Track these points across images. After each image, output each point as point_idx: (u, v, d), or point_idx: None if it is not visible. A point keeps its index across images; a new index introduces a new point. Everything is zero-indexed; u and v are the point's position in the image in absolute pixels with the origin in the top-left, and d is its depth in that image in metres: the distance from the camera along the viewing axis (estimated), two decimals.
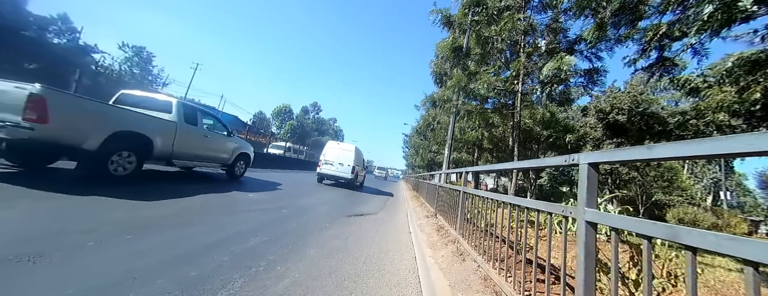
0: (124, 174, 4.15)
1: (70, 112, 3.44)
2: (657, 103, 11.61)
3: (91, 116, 3.68)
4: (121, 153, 4.04)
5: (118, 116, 4.00)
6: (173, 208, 3.41)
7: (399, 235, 4.18)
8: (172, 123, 4.82)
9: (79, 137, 3.51)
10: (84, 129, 3.57)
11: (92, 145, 3.62)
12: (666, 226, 0.75)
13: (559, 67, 3.80)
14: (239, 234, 2.89)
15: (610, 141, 9.21)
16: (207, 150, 5.66)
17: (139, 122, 4.23)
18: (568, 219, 1.23)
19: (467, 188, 3.17)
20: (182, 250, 2.25)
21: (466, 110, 5.39)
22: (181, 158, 5.13)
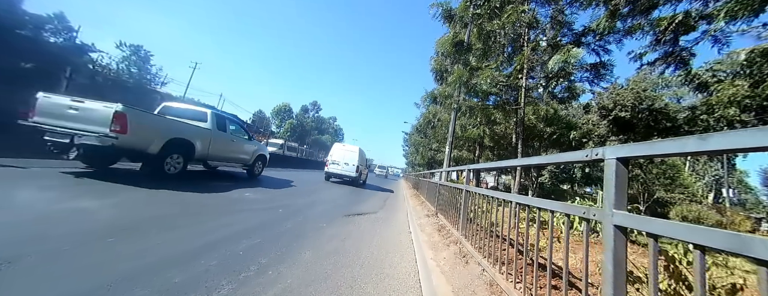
0: (174, 172, 5.05)
1: (141, 124, 4.28)
2: (660, 100, 11.43)
3: (155, 127, 4.58)
4: (173, 155, 4.93)
5: (172, 126, 4.92)
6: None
7: (399, 235, 4.04)
8: (208, 130, 5.73)
9: (146, 143, 4.39)
10: (150, 137, 4.44)
11: (154, 149, 4.49)
12: (729, 235, 0.60)
13: (566, 59, 3.64)
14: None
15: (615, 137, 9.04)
16: (233, 152, 6.56)
17: (185, 130, 5.15)
18: (590, 221, 1.07)
19: (470, 186, 3.02)
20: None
21: (467, 106, 5.21)
22: (214, 159, 6.06)
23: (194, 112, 5.94)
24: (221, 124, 6.15)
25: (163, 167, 4.75)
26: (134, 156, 4.56)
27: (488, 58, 5.09)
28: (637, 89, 11.61)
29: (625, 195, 0.93)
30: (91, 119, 3.99)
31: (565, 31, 4.56)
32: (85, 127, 3.93)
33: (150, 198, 3.67)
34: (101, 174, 4.58)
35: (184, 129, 5.12)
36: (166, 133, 4.70)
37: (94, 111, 4.01)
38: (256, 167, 7.61)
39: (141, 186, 4.13)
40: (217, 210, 3.67)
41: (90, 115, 4.01)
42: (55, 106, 4.05)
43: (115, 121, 3.90)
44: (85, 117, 4.01)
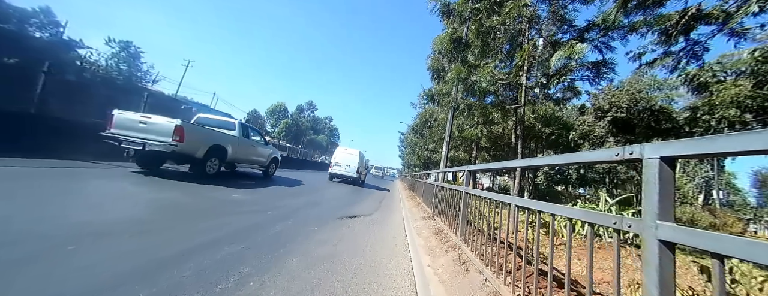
0: (212, 173, 6.08)
1: (193, 134, 5.26)
2: (654, 101, 11.48)
3: (201, 136, 5.56)
4: (212, 159, 5.91)
5: (212, 135, 5.94)
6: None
7: (394, 239, 3.85)
8: (236, 137, 6.76)
9: (195, 149, 5.37)
10: (198, 144, 5.43)
11: (200, 154, 5.50)
12: None
13: (569, 55, 3.51)
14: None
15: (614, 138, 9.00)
16: (254, 155, 7.72)
17: (220, 138, 6.13)
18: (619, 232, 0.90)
19: (469, 188, 2.85)
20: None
21: (466, 105, 5.05)
22: (239, 162, 7.27)
23: (224, 122, 7.10)
24: (245, 132, 7.30)
25: (205, 168, 5.80)
26: (186, 160, 5.56)
27: (487, 56, 4.95)
28: (632, 91, 11.66)
29: (673, 203, 0.76)
30: (157, 131, 4.97)
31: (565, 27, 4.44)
32: (153, 137, 4.92)
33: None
34: (157, 173, 5.64)
35: (220, 137, 6.16)
36: (209, 141, 5.74)
37: (159, 124, 5.01)
38: (270, 168, 8.80)
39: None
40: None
41: (156, 127, 5.00)
42: (129, 120, 5.06)
43: (176, 132, 4.92)
44: (153, 129, 5.00)
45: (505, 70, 5.67)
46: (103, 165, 5.37)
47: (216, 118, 7.27)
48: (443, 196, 4.32)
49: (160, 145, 4.80)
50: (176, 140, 4.87)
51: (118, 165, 5.72)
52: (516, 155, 4.74)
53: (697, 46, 3.69)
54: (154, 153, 5.01)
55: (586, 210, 1.06)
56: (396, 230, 4.49)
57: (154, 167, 6.03)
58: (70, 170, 4.67)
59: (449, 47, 4.87)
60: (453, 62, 6.48)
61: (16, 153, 4.87)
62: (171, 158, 5.43)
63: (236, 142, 6.67)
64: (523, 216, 1.92)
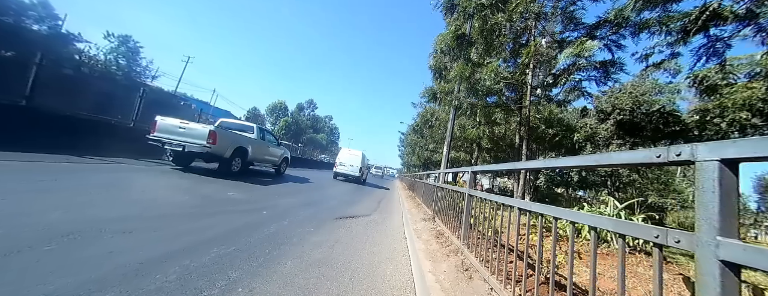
0: (236, 171, 6.91)
1: (223, 138, 6.07)
2: (658, 104, 11.36)
3: (229, 139, 6.41)
4: (236, 158, 6.74)
5: (237, 138, 6.78)
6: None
7: (393, 242, 3.72)
8: (255, 139, 7.63)
9: (224, 150, 6.18)
10: (226, 146, 6.23)
11: (228, 154, 6.30)
12: None
13: (579, 53, 3.36)
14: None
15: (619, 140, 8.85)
16: (268, 155, 8.68)
17: (243, 140, 6.94)
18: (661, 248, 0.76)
19: (473, 190, 2.72)
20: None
21: (469, 103, 4.90)
22: (257, 161, 8.20)
23: (243, 125, 8.09)
24: (262, 135, 8.19)
25: (230, 167, 6.62)
26: (215, 159, 6.36)
27: (491, 55, 4.80)
28: (636, 93, 11.53)
29: (736, 215, 0.63)
30: (194, 135, 5.77)
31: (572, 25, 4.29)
32: (190, 140, 5.72)
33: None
34: (191, 170, 6.69)
35: (242, 139, 6.98)
36: (234, 143, 6.55)
37: (196, 129, 5.83)
38: (281, 166, 9.78)
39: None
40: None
41: (193, 132, 5.80)
42: (170, 125, 5.85)
43: (210, 136, 5.73)
44: (190, 133, 5.80)
45: (509, 70, 5.53)
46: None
47: (237, 122, 8.37)
48: (444, 198, 4.19)
49: (198, 147, 5.69)
50: (210, 143, 5.73)
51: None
52: (519, 156, 4.61)
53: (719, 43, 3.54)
54: (191, 153, 5.88)
55: (617, 220, 0.93)
56: (395, 232, 4.36)
57: (185, 165, 7.11)
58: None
59: (453, 44, 4.73)
60: (456, 60, 6.34)
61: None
62: (204, 158, 6.27)
63: (255, 143, 7.59)
64: (534, 221, 1.78)
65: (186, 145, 5.62)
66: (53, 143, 5.49)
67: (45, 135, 5.55)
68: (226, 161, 6.35)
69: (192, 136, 5.73)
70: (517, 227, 1.66)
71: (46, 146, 5.28)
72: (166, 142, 5.68)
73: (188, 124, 5.86)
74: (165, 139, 5.68)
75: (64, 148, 5.64)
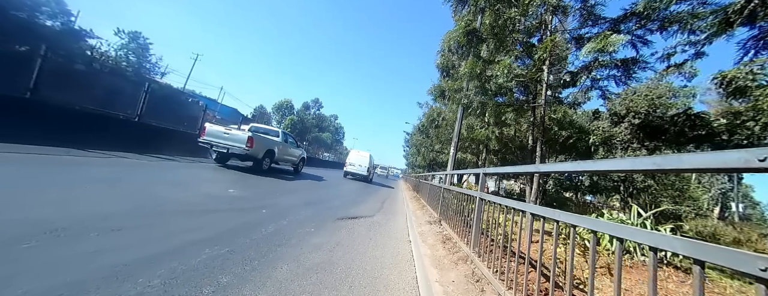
0: (266, 169, 8.10)
1: (257, 141, 7.21)
2: (676, 108, 10.92)
3: (262, 142, 7.54)
4: (266, 159, 7.97)
5: (268, 141, 8.06)
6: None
7: (397, 245, 3.54)
8: (280, 142, 8.91)
9: (258, 152, 7.35)
10: (260, 148, 7.38)
11: (260, 155, 7.50)
12: None
13: (602, 47, 3.11)
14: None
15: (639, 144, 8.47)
16: (290, 156, 10.01)
17: (271, 143, 8.25)
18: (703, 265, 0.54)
19: (485, 194, 2.52)
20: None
21: (479, 102, 4.67)
22: (281, 161, 9.51)
23: (271, 130, 9.47)
24: (285, 138, 9.60)
25: (262, 165, 7.86)
26: (251, 159, 7.51)
27: (503, 52, 4.57)
28: (652, 96, 11.10)
29: None
30: (235, 139, 6.97)
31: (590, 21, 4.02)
32: (233, 143, 6.93)
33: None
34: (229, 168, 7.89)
35: (271, 142, 8.24)
36: (266, 146, 7.83)
37: (237, 135, 7.02)
38: (299, 165, 11.13)
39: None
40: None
41: (235, 137, 6.99)
42: (216, 131, 7.08)
43: (248, 140, 6.94)
44: (232, 138, 6.99)
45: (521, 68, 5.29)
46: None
47: (265, 127, 9.88)
48: (452, 201, 3.99)
49: (239, 149, 6.92)
50: (248, 146, 6.95)
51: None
52: (532, 158, 4.37)
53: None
54: (233, 154, 7.07)
55: (685, 240, 0.72)
56: (399, 234, 4.17)
57: (222, 163, 8.36)
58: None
59: (463, 41, 4.52)
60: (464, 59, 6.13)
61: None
62: (242, 158, 7.47)
63: (280, 145, 8.85)
64: (543, 228, 1.58)
65: (229, 148, 6.92)
66: (57, 136, 5.47)
67: (49, 128, 5.53)
68: (258, 161, 7.61)
69: (234, 140, 6.99)
70: (529, 233, 1.46)
71: (50, 139, 5.25)
72: (214, 145, 7.00)
73: (231, 130, 7.14)
74: (213, 142, 6.99)
75: (68, 141, 5.61)
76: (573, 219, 1.26)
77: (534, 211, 1.65)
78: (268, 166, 8.24)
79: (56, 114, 5.85)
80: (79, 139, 5.99)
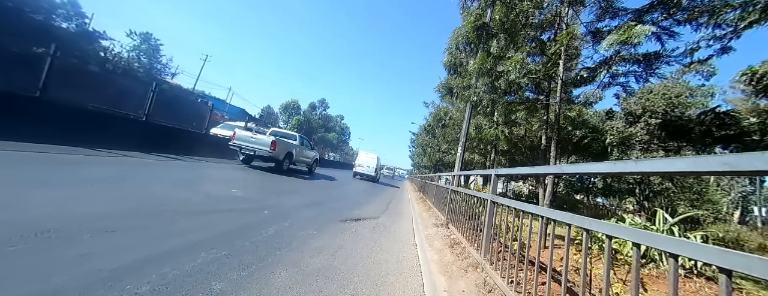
0: (285, 169, 8.98)
1: (279, 144, 8.13)
2: (696, 107, 10.44)
3: (283, 145, 8.42)
4: (286, 160, 8.80)
5: (287, 144, 8.99)
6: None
7: (402, 249, 3.38)
8: (297, 145, 9.90)
9: (279, 154, 8.23)
10: (281, 151, 8.27)
11: (281, 157, 8.38)
12: None
13: (626, 39, 2.88)
14: None
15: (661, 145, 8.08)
16: (305, 157, 11.08)
17: (290, 146, 9.20)
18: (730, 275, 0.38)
19: (498, 197, 2.34)
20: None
21: (489, 99, 4.45)
22: (298, 163, 10.60)
23: (289, 134, 10.49)
24: (302, 141, 10.75)
25: (282, 166, 8.80)
26: (273, 161, 8.46)
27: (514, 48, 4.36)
28: (670, 94, 10.65)
29: None
30: (261, 143, 7.96)
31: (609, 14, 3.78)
32: (259, 146, 7.91)
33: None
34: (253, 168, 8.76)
35: (290, 145, 9.29)
36: (286, 148, 8.81)
37: (262, 139, 8.08)
38: (313, 167, 12.14)
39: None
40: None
41: (260, 140, 8.01)
42: (244, 135, 8.15)
43: (272, 144, 7.93)
44: (258, 141, 7.99)
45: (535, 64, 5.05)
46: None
47: (283, 131, 11.01)
48: (460, 203, 3.81)
49: (264, 152, 7.91)
50: (272, 149, 7.95)
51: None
52: (544, 159, 4.15)
53: None
54: (259, 156, 8.07)
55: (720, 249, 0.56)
56: (405, 237, 4.02)
57: (247, 163, 9.25)
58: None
59: (472, 37, 4.33)
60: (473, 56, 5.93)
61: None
62: (265, 159, 8.38)
63: (297, 148, 9.86)
64: (569, 237, 1.41)
65: (256, 150, 7.93)
66: (67, 135, 5.52)
67: (59, 127, 5.59)
68: (279, 162, 8.55)
69: (260, 144, 7.99)
70: (550, 241, 1.29)
71: (59, 138, 5.30)
72: (243, 148, 8.00)
73: (256, 135, 8.26)
74: (242, 145, 8.00)
75: (77, 140, 5.66)
76: (606, 229, 1.09)
77: (557, 218, 1.48)
78: (287, 167, 9.13)
79: (65, 113, 5.92)
80: (88, 138, 6.04)
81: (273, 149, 7.89)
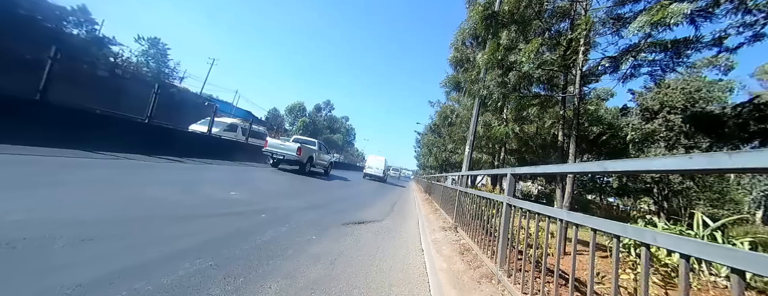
0: (307, 171, 10.39)
1: (304, 150, 9.84)
2: (718, 102, 9.88)
3: (306, 151, 9.96)
4: (308, 164, 10.24)
5: (309, 149, 10.48)
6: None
7: (408, 255, 3.14)
8: (317, 150, 11.39)
9: (304, 159, 9.81)
10: (305, 155, 9.88)
11: (305, 161, 9.92)
12: None
13: (658, 20, 2.56)
14: None
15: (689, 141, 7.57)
16: (322, 161, 12.63)
17: (312, 151, 10.72)
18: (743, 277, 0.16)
19: (515, 199, 2.08)
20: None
21: (501, 93, 4.14)
22: (318, 166, 11.93)
23: (310, 140, 11.99)
24: (320, 147, 12.34)
25: (306, 168, 10.29)
26: (298, 164, 9.95)
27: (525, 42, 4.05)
28: (689, 89, 10.11)
29: None
30: (288, 149, 9.55)
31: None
32: (287, 152, 9.50)
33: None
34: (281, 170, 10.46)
35: (311, 150, 10.77)
36: (308, 153, 10.32)
37: (289, 145, 9.64)
38: (328, 169, 13.98)
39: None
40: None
41: (288, 147, 9.59)
42: (275, 142, 9.81)
43: (298, 150, 9.47)
44: (286, 148, 9.59)
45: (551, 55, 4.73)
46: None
47: (304, 138, 12.28)
48: (469, 205, 3.55)
49: (292, 156, 9.57)
50: (298, 154, 9.59)
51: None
52: (561, 157, 3.85)
53: None
54: (287, 160, 9.74)
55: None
56: (410, 242, 3.77)
57: (276, 166, 10.93)
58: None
59: (480, 27, 4.06)
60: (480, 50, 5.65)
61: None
62: (291, 163, 9.92)
63: (317, 152, 11.47)
64: (618, 249, 1.14)
65: (285, 155, 9.60)
66: (66, 138, 5.46)
67: (58, 129, 5.55)
68: (303, 165, 10.10)
69: (288, 150, 9.65)
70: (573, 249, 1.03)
71: (58, 140, 5.24)
72: (275, 153, 9.73)
73: (285, 143, 9.94)
74: (274, 151, 9.71)
75: (79, 143, 5.60)
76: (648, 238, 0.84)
77: (598, 227, 1.22)
78: (309, 169, 10.61)
79: (66, 115, 5.88)
80: (89, 141, 5.99)
81: (299, 154, 9.55)
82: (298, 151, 9.46)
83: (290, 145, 9.67)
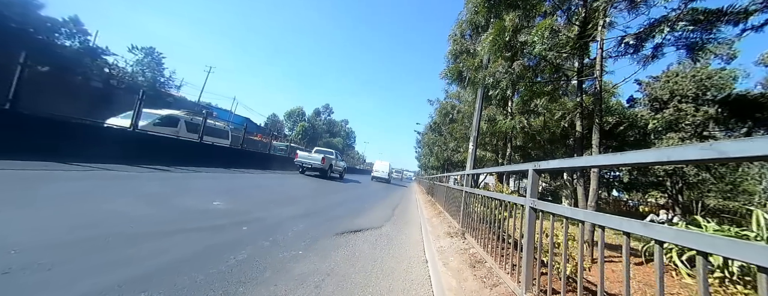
0: (328, 176, 13.67)
1: (326, 159, 13.07)
2: (730, 89, 9.44)
3: (328, 159, 13.22)
4: (328, 170, 13.36)
5: (330, 158, 13.63)
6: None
7: (410, 269, 2.71)
8: (334, 158, 14.23)
9: (326, 166, 12.96)
10: (327, 163, 13.08)
11: (327, 168, 13.06)
12: None
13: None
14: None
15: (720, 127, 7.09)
16: (338, 167, 15.21)
17: (332, 159, 13.83)
18: None
19: (540, 202, 1.66)
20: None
21: (510, 80, 3.67)
22: (335, 171, 14.66)
23: (327, 151, 14.71)
24: (337, 155, 15.08)
25: (327, 174, 13.15)
26: (320, 171, 12.81)
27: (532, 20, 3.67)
28: (700, 76, 9.67)
29: None
30: (314, 159, 12.71)
31: None
32: (313, 161, 12.63)
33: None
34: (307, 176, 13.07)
35: (331, 159, 13.36)
36: (329, 161, 12.95)
37: (314, 156, 12.96)
38: (343, 174, 16.41)
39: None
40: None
41: (313, 157, 12.85)
42: (304, 154, 13.16)
43: (322, 159, 12.60)
44: (313, 158, 12.80)
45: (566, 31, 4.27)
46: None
47: (323, 149, 15.40)
48: (478, 208, 3.12)
49: (318, 164, 12.33)
50: (321, 162, 12.31)
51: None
52: (579, 150, 3.44)
53: None
54: (313, 168, 12.48)
55: None
56: (412, 252, 3.34)
57: (303, 173, 13.19)
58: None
59: (482, 10, 3.66)
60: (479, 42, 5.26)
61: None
62: (316, 170, 12.63)
63: (334, 160, 13.99)
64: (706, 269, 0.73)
65: (312, 164, 12.37)
66: (37, 149, 5.08)
67: (29, 140, 5.17)
68: (324, 171, 12.76)
69: (314, 160, 12.45)
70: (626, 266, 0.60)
71: (27, 152, 4.86)
72: (304, 163, 12.53)
73: (311, 154, 12.90)
74: (303, 161, 12.52)
75: (48, 154, 5.21)
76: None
77: (663, 238, 0.81)
78: (329, 174, 13.24)
79: (38, 125, 5.51)
80: (63, 151, 5.60)
81: (322, 162, 12.38)
82: (322, 160, 12.33)
83: (315, 156, 12.76)
